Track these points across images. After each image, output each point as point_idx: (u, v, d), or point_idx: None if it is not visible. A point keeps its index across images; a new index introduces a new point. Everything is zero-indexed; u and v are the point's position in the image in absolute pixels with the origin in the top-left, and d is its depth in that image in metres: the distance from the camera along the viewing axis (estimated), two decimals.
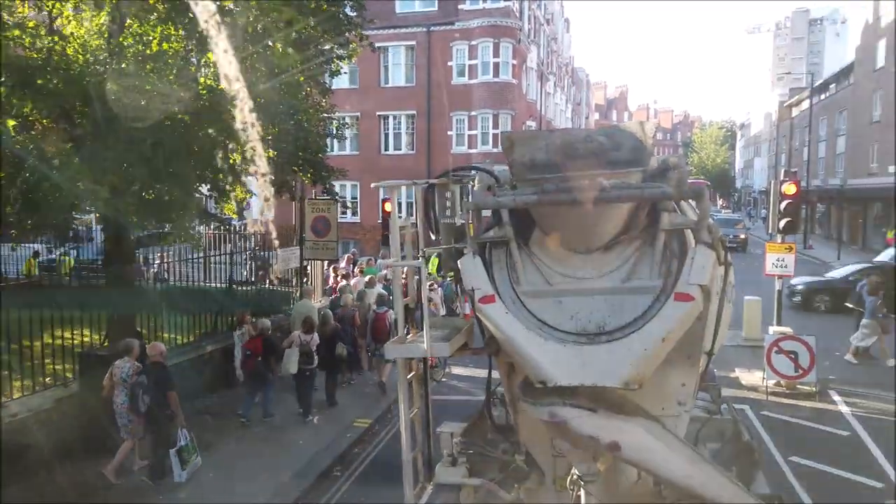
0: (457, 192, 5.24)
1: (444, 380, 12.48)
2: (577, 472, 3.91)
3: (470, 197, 4.45)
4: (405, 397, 4.84)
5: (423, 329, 4.51)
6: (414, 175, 5.92)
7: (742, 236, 36.88)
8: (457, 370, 13.09)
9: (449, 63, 31.32)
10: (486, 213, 4.22)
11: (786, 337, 11.76)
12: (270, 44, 9.08)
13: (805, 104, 47.81)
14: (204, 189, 10.59)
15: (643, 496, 4.38)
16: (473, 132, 31.38)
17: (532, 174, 3.74)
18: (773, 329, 13.15)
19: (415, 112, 32.11)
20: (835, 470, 8.44)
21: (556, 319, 3.79)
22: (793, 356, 11.47)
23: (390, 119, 32.79)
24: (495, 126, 31.17)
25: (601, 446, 3.61)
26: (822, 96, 48.06)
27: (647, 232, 3.85)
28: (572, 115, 59.18)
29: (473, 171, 4.77)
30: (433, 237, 4.87)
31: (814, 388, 11.54)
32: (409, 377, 4.96)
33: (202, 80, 11.62)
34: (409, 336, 4.94)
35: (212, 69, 11.51)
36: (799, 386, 11.61)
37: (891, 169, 32.54)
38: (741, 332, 15.72)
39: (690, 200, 3.95)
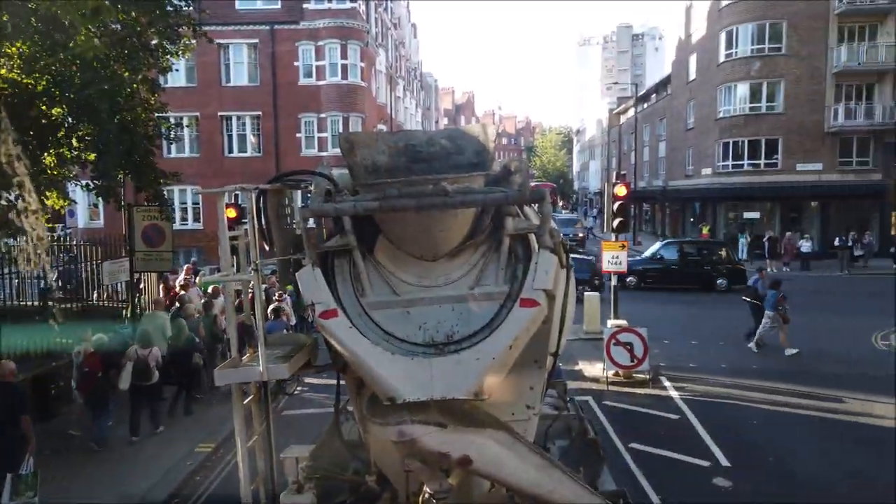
0: (296, 198, 4.98)
1: (296, 392, 11.92)
2: (430, 490, 3.83)
3: (265, 206, 4.25)
4: (241, 427, 4.43)
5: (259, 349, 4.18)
6: (261, 179, 5.56)
7: (581, 235, 38.99)
8: (311, 380, 12.55)
9: (295, 63, 30.35)
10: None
11: (622, 329, 12.57)
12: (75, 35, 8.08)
13: (630, 112, 52.33)
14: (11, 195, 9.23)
15: None
16: (323, 134, 30.64)
17: (373, 178, 3.59)
18: (611, 322, 14.04)
19: (260, 113, 30.72)
20: (669, 452, 9.08)
21: (405, 331, 3.68)
22: (629, 347, 12.28)
23: (234, 120, 31.09)
24: (345, 128, 30.60)
25: (452, 462, 3.57)
26: (645, 105, 52.81)
27: (491, 237, 3.82)
28: (422, 120, 60.05)
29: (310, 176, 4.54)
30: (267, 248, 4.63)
31: (647, 376, 12.44)
32: (246, 402, 4.58)
33: (2, 71, 10.18)
34: (245, 357, 4.54)
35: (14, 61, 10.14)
36: (634, 374, 12.46)
37: (704, 171, 36.38)
38: (582, 326, 16.64)
39: (533, 204, 3.95)
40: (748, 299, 15.78)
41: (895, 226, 32.00)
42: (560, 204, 70.01)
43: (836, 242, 29.56)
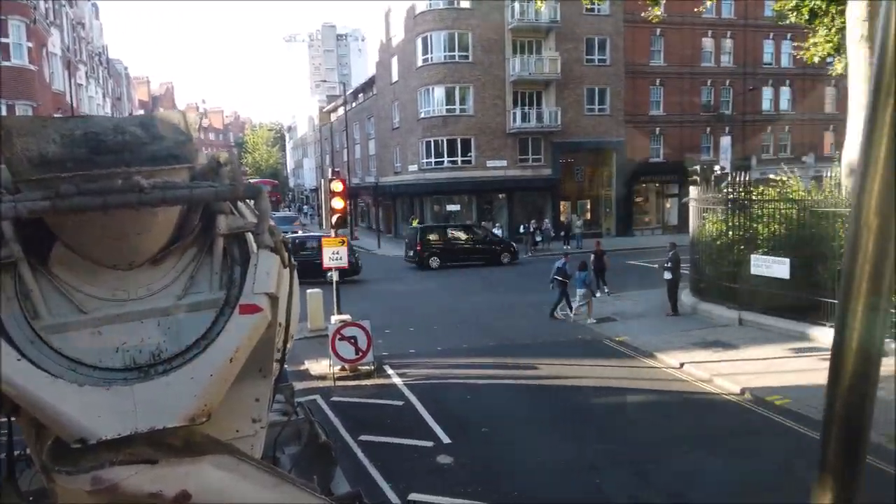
0: None
1: None
2: None
3: None
4: None
5: None
6: None
7: (299, 233, 38.67)
8: None
9: None
10: None
11: (346, 324, 12.66)
12: None
13: (341, 110, 53.37)
14: None
15: None
16: None
17: (42, 173, 2.95)
18: (335, 318, 14.06)
19: None
20: (397, 439, 9.40)
21: (97, 356, 3.11)
22: (353, 341, 12.43)
23: None
24: None
25: (168, 500, 3.10)
26: (354, 104, 54.35)
27: (202, 239, 3.40)
28: (112, 112, 53.29)
29: None
30: None
31: (372, 367, 12.76)
32: None
33: None
34: None
35: None
36: (360, 367, 12.66)
37: (411, 168, 38.78)
38: (307, 323, 16.43)
39: (249, 201, 3.58)
40: (558, 278, 17.55)
41: (564, 213, 38.06)
42: (275, 199, 68.28)
43: (521, 230, 34.06)
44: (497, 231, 33.71)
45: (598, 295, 18.85)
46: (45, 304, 3.14)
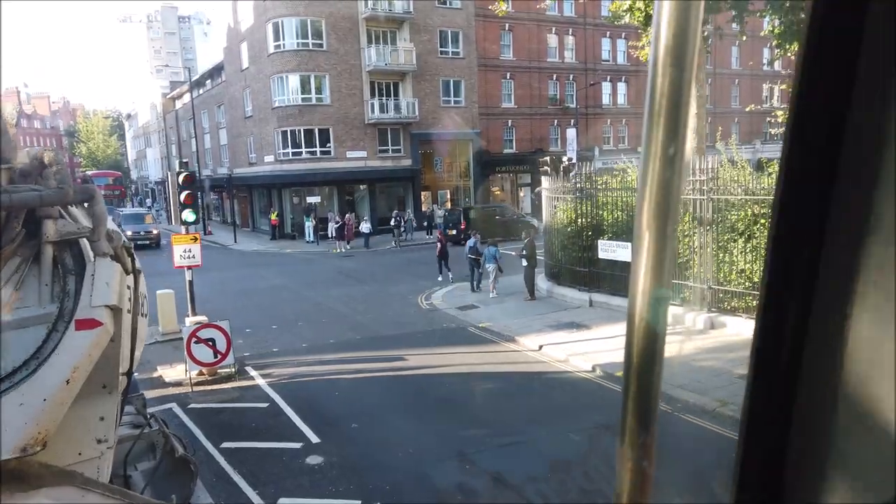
0: None
1: None
2: None
3: None
4: None
5: None
6: None
7: (155, 232, 35.18)
8: None
9: None
10: None
11: (202, 326, 11.98)
12: None
13: (187, 97, 50.09)
14: None
15: None
16: None
17: None
18: (189, 320, 13.26)
19: None
20: (262, 443, 9.08)
21: None
22: (211, 343, 11.79)
23: None
24: None
25: None
26: (201, 91, 51.25)
27: (27, 247, 3.09)
28: None
29: None
30: None
31: (233, 369, 12.18)
32: None
33: None
34: None
35: None
36: (220, 371, 12.05)
37: (267, 159, 37.34)
38: (158, 327, 15.36)
39: (82, 204, 3.27)
40: (472, 256, 18.72)
41: (425, 203, 38.57)
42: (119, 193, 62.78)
43: (392, 222, 33.75)
44: (366, 225, 33.14)
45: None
46: None
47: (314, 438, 9.10)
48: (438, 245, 21.73)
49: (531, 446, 8.73)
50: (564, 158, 30.22)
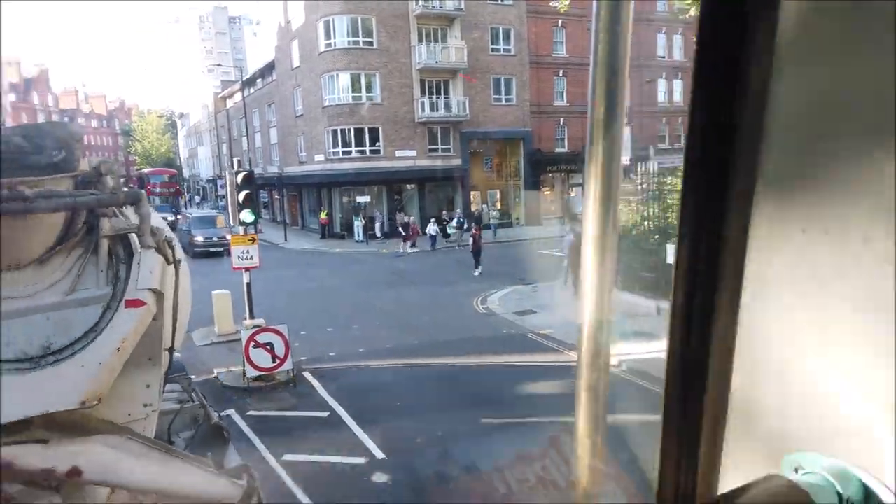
0: None
1: None
2: None
3: None
4: None
5: None
6: None
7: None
8: None
9: None
10: None
11: (261, 330, 11.70)
12: None
13: (238, 96, 50.71)
14: None
15: None
16: None
17: None
18: (247, 323, 13.03)
19: None
20: (324, 457, 8.66)
21: None
22: (269, 347, 11.50)
23: None
24: None
25: (60, 476, 3.45)
26: (252, 90, 51.76)
27: (87, 240, 3.75)
28: None
29: None
30: None
31: (291, 375, 11.87)
32: None
33: None
34: None
35: None
36: (278, 376, 11.75)
37: (317, 158, 37.38)
38: (214, 327, 15.25)
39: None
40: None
41: (474, 202, 38.03)
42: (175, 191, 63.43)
43: (454, 223, 33.05)
44: (432, 227, 31.20)
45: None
46: None
47: (378, 454, 8.64)
48: (472, 240, 22.95)
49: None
50: (624, 158, 29.27)
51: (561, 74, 40.32)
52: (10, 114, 77.37)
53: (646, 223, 16.41)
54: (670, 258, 14.99)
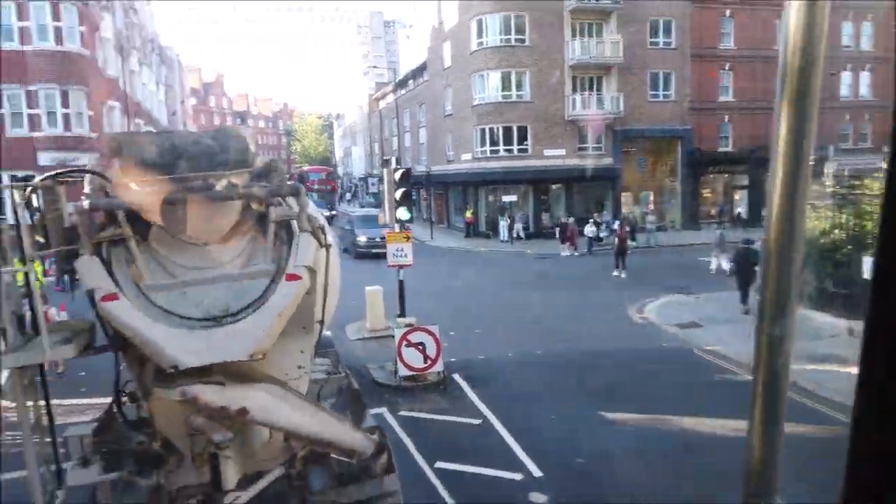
0: (61, 193, 4.78)
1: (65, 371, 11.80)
2: (214, 441, 4.21)
3: (40, 202, 4.48)
4: (23, 409, 4.64)
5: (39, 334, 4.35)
6: None
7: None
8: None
9: None
10: None
11: (413, 329, 11.58)
12: None
13: (390, 98, 52.37)
14: None
15: (275, 451, 4.97)
16: (35, 111, 25.15)
17: (143, 175, 4.08)
18: (400, 321, 13.01)
19: None
20: (477, 468, 8.20)
21: (184, 308, 4.11)
22: (421, 347, 11.36)
23: None
24: (64, 105, 25.56)
25: (232, 413, 4.02)
26: (404, 91, 53.20)
27: (258, 223, 4.44)
28: (166, 98, 53.50)
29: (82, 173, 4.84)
30: (41, 240, 4.65)
31: (442, 376, 11.64)
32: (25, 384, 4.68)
33: None
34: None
35: None
36: (428, 376, 11.57)
37: (464, 157, 37.51)
38: (366, 323, 15.48)
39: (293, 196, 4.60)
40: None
41: (625, 204, 36.24)
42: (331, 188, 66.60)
43: (615, 226, 31.37)
44: (590, 228, 29.45)
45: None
46: (148, 269, 4.19)
47: (535, 471, 8.06)
48: (616, 241, 22.84)
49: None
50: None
51: (727, 68, 37.27)
52: (192, 116, 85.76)
53: (836, 231, 14.43)
54: (867, 272, 13.01)
